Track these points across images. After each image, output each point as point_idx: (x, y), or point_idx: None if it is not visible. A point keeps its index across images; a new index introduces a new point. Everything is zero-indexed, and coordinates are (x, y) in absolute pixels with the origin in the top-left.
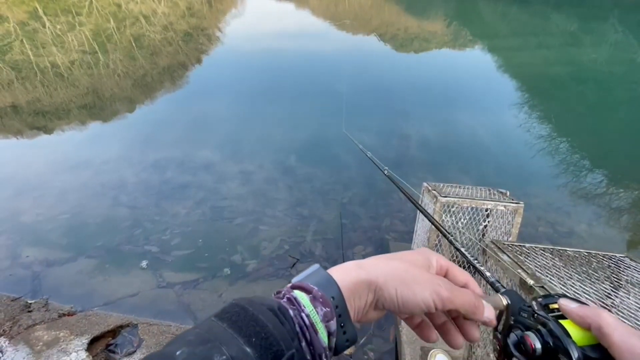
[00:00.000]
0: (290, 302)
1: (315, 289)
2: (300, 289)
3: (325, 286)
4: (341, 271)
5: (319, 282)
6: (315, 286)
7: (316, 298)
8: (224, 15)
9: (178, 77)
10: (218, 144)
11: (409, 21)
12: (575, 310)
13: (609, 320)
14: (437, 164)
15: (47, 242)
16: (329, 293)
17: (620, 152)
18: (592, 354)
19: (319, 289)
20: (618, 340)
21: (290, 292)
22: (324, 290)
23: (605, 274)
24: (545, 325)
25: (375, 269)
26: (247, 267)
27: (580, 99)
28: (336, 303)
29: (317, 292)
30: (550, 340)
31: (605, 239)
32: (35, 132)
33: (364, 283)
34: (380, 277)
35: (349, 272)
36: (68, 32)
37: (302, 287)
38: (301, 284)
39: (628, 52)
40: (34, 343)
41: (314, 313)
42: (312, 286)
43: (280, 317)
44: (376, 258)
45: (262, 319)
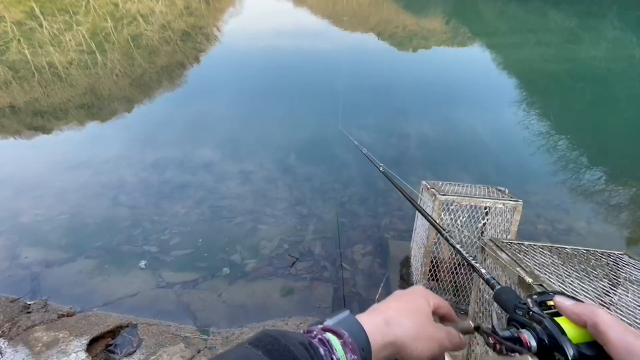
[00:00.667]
0: (322, 343)
1: (346, 334)
2: (333, 332)
3: (355, 335)
4: (371, 325)
5: (349, 329)
6: (346, 332)
7: (346, 344)
8: (222, 14)
9: (176, 77)
10: (216, 143)
11: (408, 19)
12: (570, 308)
13: (604, 318)
14: (436, 162)
15: (46, 242)
16: (359, 343)
17: (619, 149)
18: (587, 351)
19: (350, 336)
20: (614, 338)
21: (323, 334)
22: (354, 339)
23: (604, 272)
24: (540, 322)
25: (400, 328)
26: (246, 266)
27: (578, 96)
28: (365, 355)
29: (348, 338)
30: (546, 337)
31: (604, 236)
32: (34, 133)
33: (391, 344)
34: (404, 337)
35: (378, 328)
36: (65, 31)
37: (335, 332)
38: (333, 328)
39: (627, 49)
40: (33, 344)
41: (344, 358)
42: (343, 331)
43: (312, 353)
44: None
45: (295, 351)
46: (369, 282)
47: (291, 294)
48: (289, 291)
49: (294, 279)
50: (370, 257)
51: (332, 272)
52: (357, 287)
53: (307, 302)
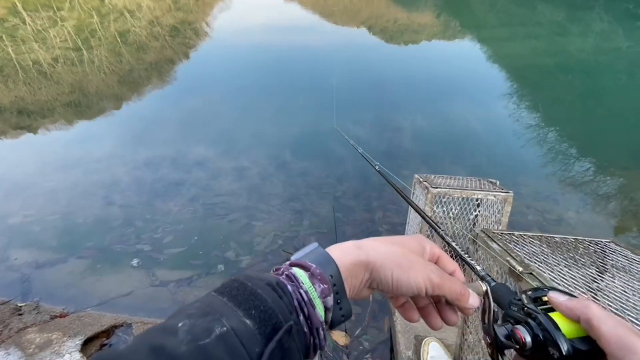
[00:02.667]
0: (289, 279)
1: (313, 266)
2: (299, 266)
3: (323, 264)
4: (340, 250)
5: (317, 260)
6: (313, 264)
7: (314, 275)
8: (211, 9)
9: (166, 73)
10: (208, 140)
11: (399, 12)
12: (564, 303)
13: (597, 312)
14: (427, 156)
15: (36, 243)
16: (327, 271)
17: (606, 140)
18: (581, 346)
19: (317, 267)
20: (606, 332)
21: (289, 270)
22: (322, 268)
23: (592, 259)
24: (535, 318)
25: (373, 251)
26: (241, 263)
27: (567, 89)
28: (334, 281)
29: (316, 269)
30: (540, 333)
31: (593, 225)
32: (20, 132)
33: (362, 263)
34: (378, 259)
35: (347, 251)
36: (50, 28)
37: (301, 265)
38: (300, 262)
39: (614, 41)
40: (25, 346)
41: (312, 289)
42: (310, 264)
43: (279, 292)
44: (374, 240)
45: (261, 293)
46: None
47: None
48: None
49: None
50: None
51: None
52: None
53: None
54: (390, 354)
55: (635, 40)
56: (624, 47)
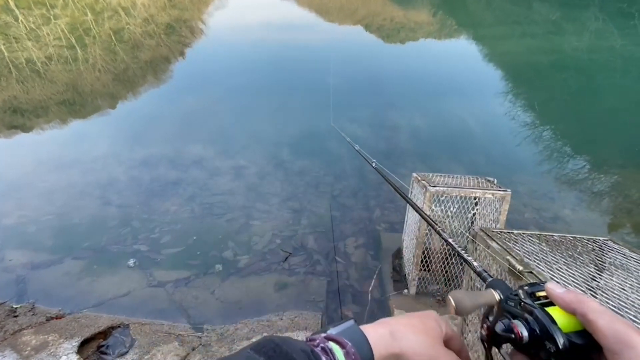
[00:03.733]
0: (325, 352)
1: (349, 344)
2: (335, 342)
3: (359, 345)
4: (376, 336)
5: (353, 339)
6: (349, 342)
7: (349, 354)
8: (206, 7)
9: (161, 72)
10: (205, 139)
11: (395, 11)
12: (561, 296)
13: (593, 307)
14: (425, 154)
15: (31, 244)
16: (362, 354)
17: (601, 138)
18: (577, 340)
19: (353, 346)
20: (602, 326)
21: (325, 343)
22: (357, 349)
23: (590, 257)
24: (531, 313)
25: (407, 342)
26: (239, 262)
27: (562, 87)
28: None
29: (351, 348)
30: (537, 327)
31: (588, 222)
32: (14, 132)
33: (395, 355)
34: (410, 351)
35: (383, 339)
36: (43, 25)
37: (337, 341)
38: (336, 338)
39: (608, 39)
40: (21, 348)
41: None
42: (346, 341)
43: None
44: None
45: (296, 358)
46: (362, 274)
47: (285, 289)
48: (283, 286)
49: (288, 273)
50: (362, 249)
51: (325, 265)
52: (351, 279)
53: (301, 296)
54: None
55: (629, 38)
56: (618, 46)
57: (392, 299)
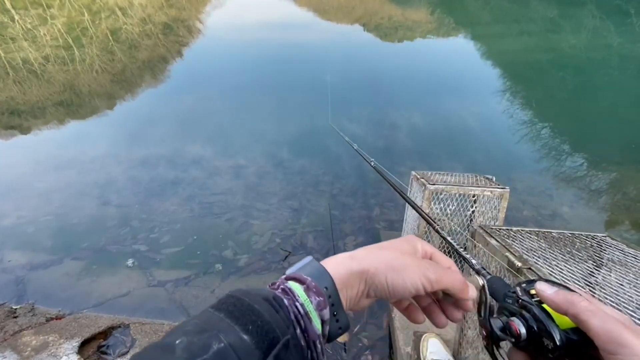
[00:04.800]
0: (285, 293)
1: (308, 279)
2: (294, 280)
3: (318, 277)
4: (334, 263)
5: (312, 273)
6: (308, 277)
7: (310, 288)
8: (204, 6)
9: (159, 72)
10: (203, 139)
11: (393, 10)
12: (551, 297)
13: (584, 307)
14: (424, 152)
15: (30, 245)
16: (322, 284)
17: (598, 136)
18: (574, 336)
19: (313, 280)
20: (595, 327)
21: (285, 283)
22: (318, 281)
23: (588, 254)
24: (529, 310)
25: (366, 259)
26: (238, 262)
27: (560, 85)
28: (329, 293)
29: (311, 282)
30: (535, 324)
31: (586, 219)
32: (11, 132)
33: (356, 274)
34: (371, 266)
35: (341, 263)
36: (39, 26)
37: (296, 278)
38: (295, 275)
39: (605, 37)
40: (21, 349)
41: (307, 302)
42: (305, 277)
43: (275, 306)
44: (366, 248)
45: (258, 308)
46: None
47: None
48: None
49: None
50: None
51: None
52: None
53: None
54: (389, 350)
55: (626, 36)
56: (615, 44)
57: None
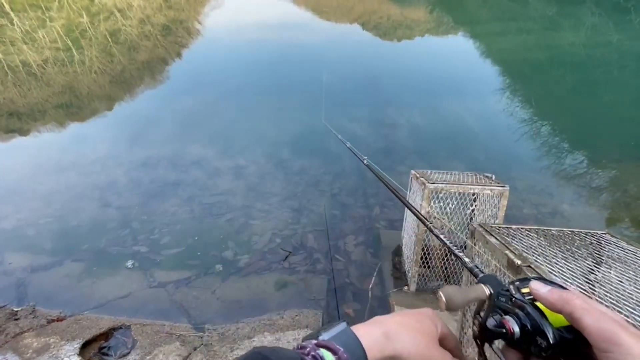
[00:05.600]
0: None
1: (341, 350)
2: (327, 348)
3: (352, 351)
4: (370, 339)
5: (345, 344)
6: (341, 347)
7: None
8: (203, 7)
9: (157, 73)
10: (202, 140)
11: (392, 9)
12: (545, 295)
13: (578, 305)
14: (424, 151)
15: (31, 247)
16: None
17: (598, 133)
18: (568, 334)
19: (345, 351)
20: (589, 325)
21: (316, 350)
22: (350, 354)
23: (588, 251)
24: (522, 308)
25: (401, 342)
26: (239, 262)
27: (559, 83)
28: None
29: (343, 354)
30: (528, 323)
31: (587, 216)
32: (11, 135)
33: (389, 357)
34: (404, 351)
35: (377, 342)
36: (38, 28)
37: (329, 348)
38: (327, 344)
39: (604, 34)
40: (23, 351)
41: None
42: (338, 347)
43: None
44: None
45: None
46: (362, 272)
47: (285, 287)
48: (283, 285)
49: (288, 272)
50: (362, 247)
51: (326, 264)
52: (351, 277)
53: (302, 294)
54: None
55: (625, 33)
56: (615, 41)
57: (392, 296)
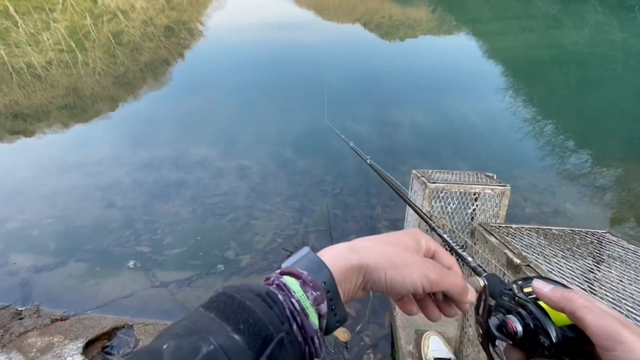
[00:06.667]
0: (280, 288)
1: (304, 273)
2: (290, 274)
3: (315, 271)
4: (333, 254)
5: (309, 266)
6: (305, 270)
7: (306, 283)
8: (205, 8)
9: (161, 74)
10: (204, 140)
11: (393, 8)
12: (547, 294)
13: (580, 303)
14: (426, 150)
15: (34, 247)
16: (320, 278)
17: (602, 132)
18: (571, 333)
19: (309, 274)
20: (592, 324)
21: (280, 278)
22: (315, 275)
23: (588, 250)
24: (525, 307)
25: (366, 252)
26: (240, 262)
27: (563, 81)
28: (327, 288)
29: (307, 276)
30: (531, 322)
31: (590, 216)
32: (16, 136)
33: (355, 267)
34: (371, 261)
35: (340, 255)
36: (42, 30)
37: (292, 273)
38: (290, 270)
39: (608, 33)
40: (27, 350)
41: (304, 298)
42: (301, 271)
43: (269, 302)
44: (368, 239)
45: (250, 305)
46: None
47: None
48: None
49: None
50: None
51: None
52: None
53: None
54: (391, 348)
55: (629, 31)
56: (619, 39)
57: None
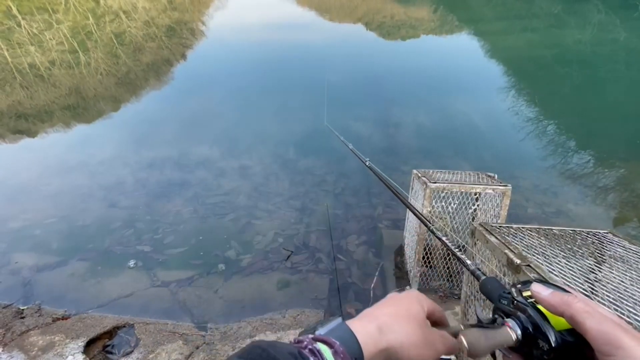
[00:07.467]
0: (313, 353)
1: (337, 343)
2: (323, 342)
3: (348, 344)
4: (364, 333)
5: (341, 338)
6: (337, 341)
7: (337, 353)
8: (207, 8)
9: (162, 74)
10: (206, 140)
11: (395, 8)
12: (546, 299)
13: (579, 308)
14: (427, 150)
15: (36, 247)
16: (351, 352)
17: (605, 132)
18: (570, 337)
19: (341, 345)
20: (590, 328)
21: (313, 344)
22: (346, 348)
23: (590, 250)
24: (524, 311)
25: (393, 335)
26: (241, 261)
27: (565, 81)
28: None
29: (339, 347)
30: (530, 326)
31: (592, 216)
32: (19, 136)
33: (383, 350)
34: (397, 342)
35: (370, 336)
36: (45, 31)
37: (325, 341)
38: (324, 338)
39: (611, 32)
40: (28, 349)
41: None
42: (334, 341)
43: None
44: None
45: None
46: (364, 272)
47: (287, 287)
48: (285, 284)
49: (290, 272)
50: (364, 247)
51: (327, 263)
52: (353, 277)
53: (304, 294)
54: None
55: (632, 30)
56: (622, 38)
57: None
